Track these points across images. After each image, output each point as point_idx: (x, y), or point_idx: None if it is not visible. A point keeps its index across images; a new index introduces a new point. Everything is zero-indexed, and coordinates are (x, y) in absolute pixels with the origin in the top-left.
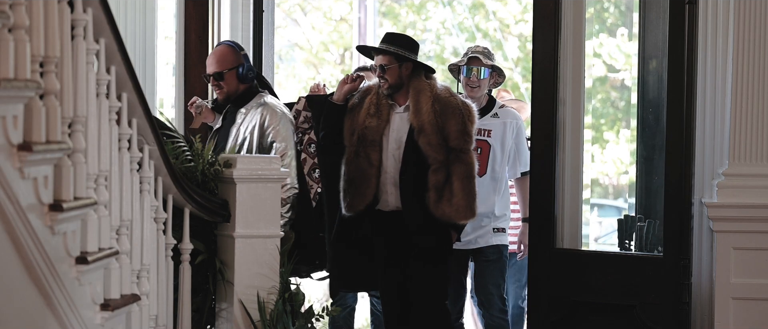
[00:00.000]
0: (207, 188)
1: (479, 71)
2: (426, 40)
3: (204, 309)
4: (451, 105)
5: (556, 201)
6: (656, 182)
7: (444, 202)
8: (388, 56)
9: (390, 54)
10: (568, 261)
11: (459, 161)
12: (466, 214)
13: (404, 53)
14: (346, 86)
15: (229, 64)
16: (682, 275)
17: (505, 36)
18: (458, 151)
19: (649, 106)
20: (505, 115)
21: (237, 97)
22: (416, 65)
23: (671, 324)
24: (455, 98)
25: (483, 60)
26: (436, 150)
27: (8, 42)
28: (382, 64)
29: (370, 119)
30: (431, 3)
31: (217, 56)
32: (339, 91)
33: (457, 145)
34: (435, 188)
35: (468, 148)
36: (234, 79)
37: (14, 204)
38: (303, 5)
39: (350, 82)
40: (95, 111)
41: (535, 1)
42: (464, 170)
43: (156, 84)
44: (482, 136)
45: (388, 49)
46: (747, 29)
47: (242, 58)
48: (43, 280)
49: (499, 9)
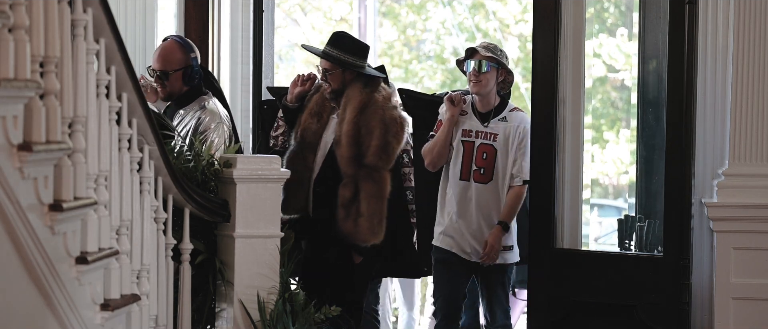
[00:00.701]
0: (207, 188)
1: (479, 64)
2: (426, 40)
3: (204, 309)
4: (378, 118)
5: (556, 201)
6: (656, 182)
7: (350, 220)
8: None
9: (332, 59)
10: (568, 261)
11: (369, 179)
12: (368, 237)
13: (347, 58)
14: (296, 89)
15: (176, 65)
16: (682, 275)
17: (505, 36)
18: (371, 169)
19: (649, 106)
20: (513, 119)
21: (179, 97)
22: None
23: (671, 324)
24: (386, 111)
25: (482, 52)
26: (347, 164)
27: (8, 42)
28: (325, 68)
29: (310, 120)
30: (431, 3)
31: (165, 54)
32: (290, 93)
33: (370, 162)
34: (342, 204)
35: (383, 166)
36: (179, 81)
37: (14, 204)
38: (303, 5)
39: (301, 84)
40: (95, 111)
41: (535, 1)
42: (373, 189)
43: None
44: (488, 140)
45: (331, 53)
46: (747, 29)
47: (191, 59)
48: (43, 280)
49: (499, 9)
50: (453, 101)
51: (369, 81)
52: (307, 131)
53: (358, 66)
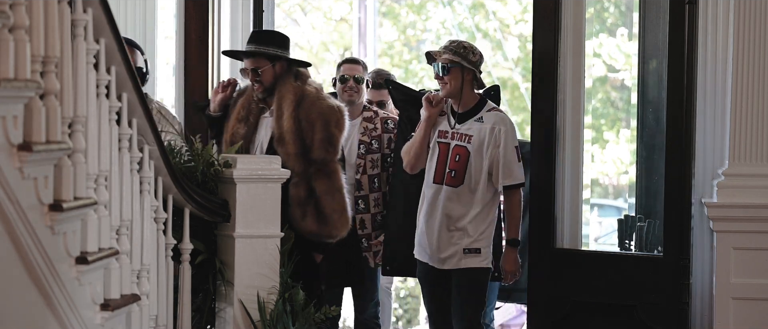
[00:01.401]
0: (207, 188)
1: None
2: (426, 40)
3: (204, 309)
4: (317, 110)
5: (556, 201)
6: (656, 182)
7: (309, 219)
8: (259, 59)
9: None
10: (568, 261)
11: (322, 175)
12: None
13: (277, 52)
14: (218, 96)
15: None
16: (682, 275)
17: (505, 36)
18: (320, 164)
19: (649, 106)
20: (491, 119)
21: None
22: (290, 63)
23: (671, 324)
24: (323, 102)
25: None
26: (295, 161)
27: (8, 42)
28: (254, 67)
29: (238, 125)
30: (431, 3)
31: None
32: (213, 102)
33: (318, 157)
34: (297, 203)
35: (331, 158)
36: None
37: (14, 204)
38: (303, 5)
39: (222, 90)
40: (95, 111)
41: (535, 1)
42: (328, 185)
43: (156, 84)
44: (463, 141)
45: (259, 49)
46: (747, 29)
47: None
48: (43, 280)
49: (499, 9)
50: (431, 101)
51: (298, 74)
52: (236, 136)
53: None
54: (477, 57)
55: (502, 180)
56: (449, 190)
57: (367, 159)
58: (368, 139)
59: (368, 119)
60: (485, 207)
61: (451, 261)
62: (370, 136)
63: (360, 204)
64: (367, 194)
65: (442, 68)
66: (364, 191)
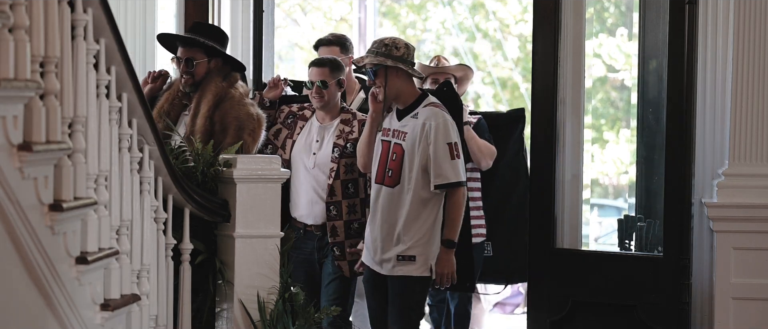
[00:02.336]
0: (207, 188)
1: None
2: (426, 40)
3: (204, 309)
4: (234, 114)
5: (556, 201)
6: (656, 182)
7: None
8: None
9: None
10: (568, 261)
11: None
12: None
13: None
14: (146, 87)
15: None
16: (682, 275)
17: (505, 36)
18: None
19: (649, 106)
20: (425, 115)
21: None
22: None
23: (671, 324)
24: (243, 108)
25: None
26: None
27: (8, 42)
28: (189, 57)
29: (160, 120)
30: (431, 3)
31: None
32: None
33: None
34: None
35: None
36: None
37: (14, 204)
38: (303, 5)
39: (152, 81)
40: (95, 111)
41: (535, 1)
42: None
43: None
44: (399, 139)
45: (198, 39)
46: (747, 29)
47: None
48: (43, 280)
49: (499, 9)
50: (376, 97)
51: (228, 75)
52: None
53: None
54: (402, 50)
55: (433, 180)
56: (386, 191)
57: (340, 163)
58: (343, 142)
59: (345, 121)
60: (420, 211)
61: (387, 266)
62: (346, 139)
63: (332, 211)
64: (340, 200)
65: (370, 73)
66: (337, 197)
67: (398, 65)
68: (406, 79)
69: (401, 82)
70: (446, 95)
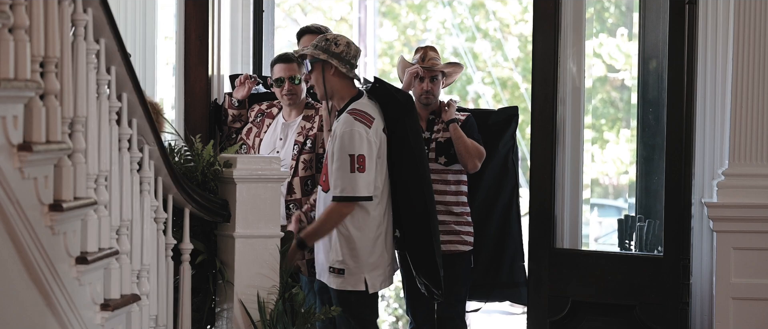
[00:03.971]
0: (207, 188)
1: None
2: (426, 40)
3: (204, 309)
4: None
5: (556, 201)
6: (656, 182)
7: None
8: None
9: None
10: (568, 261)
11: None
12: None
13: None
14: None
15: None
16: (682, 275)
17: (505, 36)
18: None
19: (649, 106)
20: (340, 120)
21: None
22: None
23: (671, 324)
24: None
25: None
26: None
27: (8, 42)
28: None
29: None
30: (431, 3)
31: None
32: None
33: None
34: None
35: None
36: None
37: (14, 204)
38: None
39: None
40: (95, 111)
41: (535, 1)
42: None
43: (156, 84)
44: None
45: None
46: (747, 29)
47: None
48: (43, 280)
49: (499, 9)
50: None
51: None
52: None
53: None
54: (342, 47)
55: (331, 191)
56: (323, 195)
57: (299, 160)
58: (303, 138)
59: (307, 117)
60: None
61: (324, 276)
62: (306, 136)
63: (292, 209)
64: (299, 198)
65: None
66: (296, 195)
67: (331, 61)
68: (341, 77)
69: (336, 81)
70: (379, 92)
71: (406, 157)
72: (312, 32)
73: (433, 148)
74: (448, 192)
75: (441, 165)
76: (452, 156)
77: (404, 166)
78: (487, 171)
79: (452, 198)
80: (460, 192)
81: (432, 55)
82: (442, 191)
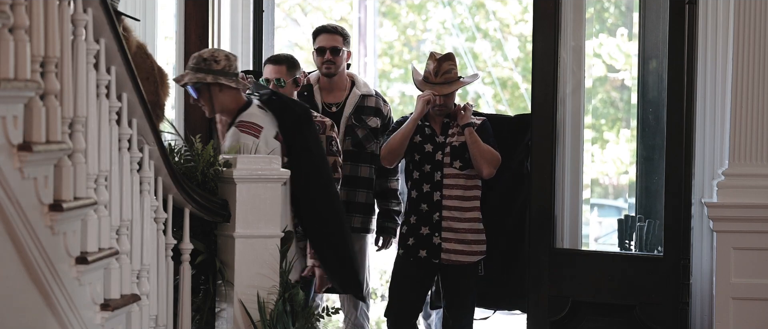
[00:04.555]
0: (207, 188)
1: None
2: (426, 40)
3: (204, 309)
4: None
5: (556, 201)
6: (656, 182)
7: None
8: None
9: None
10: (568, 261)
11: None
12: None
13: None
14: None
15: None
16: (682, 275)
17: (505, 36)
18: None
19: (649, 106)
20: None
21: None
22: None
23: (671, 324)
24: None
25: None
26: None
27: (8, 42)
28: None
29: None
30: (431, 3)
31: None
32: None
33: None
34: None
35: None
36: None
37: (14, 204)
38: (303, 5)
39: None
40: (95, 111)
41: (535, 1)
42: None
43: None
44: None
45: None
46: (747, 29)
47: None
48: (43, 280)
49: (499, 9)
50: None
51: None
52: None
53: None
54: (223, 63)
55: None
56: None
57: None
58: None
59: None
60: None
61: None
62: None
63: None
64: None
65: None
66: None
67: (219, 80)
68: (229, 91)
69: (224, 96)
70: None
71: (307, 168)
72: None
73: (448, 153)
74: (462, 197)
75: (455, 170)
76: (467, 161)
77: (308, 177)
78: (501, 178)
79: (467, 204)
80: (473, 196)
81: (446, 67)
82: (456, 196)
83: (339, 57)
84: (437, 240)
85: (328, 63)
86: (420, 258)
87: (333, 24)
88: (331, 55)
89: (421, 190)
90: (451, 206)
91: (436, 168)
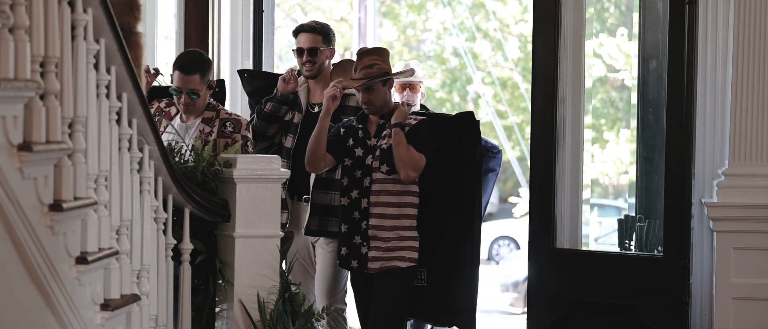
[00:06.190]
0: (207, 188)
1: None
2: (426, 40)
3: (204, 309)
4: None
5: (556, 201)
6: (656, 182)
7: None
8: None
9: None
10: (568, 261)
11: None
12: None
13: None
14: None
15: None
16: (682, 275)
17: (505, 36)
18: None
19: (649, 106)
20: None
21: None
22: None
23: (671, 324)
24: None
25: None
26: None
27: (8, 42)
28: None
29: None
30: (431, 3)
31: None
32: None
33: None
34: None
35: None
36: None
37: (14, 204)
38: (303, 5)
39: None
40: (95, 111)
41: (535, 1)
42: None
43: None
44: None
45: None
46: (747, 29)
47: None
48: (43, 280)
49: (499, 9)
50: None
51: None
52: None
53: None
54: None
55: None
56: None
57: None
58: (201, 143)
59: (207, 120)
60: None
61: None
62: (204, 141)
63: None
64: None
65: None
66: None
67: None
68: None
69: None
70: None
71: None
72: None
73: (378, 156)
74: (390, 203)
75: (383, 174)
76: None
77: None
78: (444, 184)
79: (397, 211)
80: (403, 203)
81: (367, 62)
82: (383, 203)
83: (318, 57)
84: (365, 250)
85: (307, 64)
86: (352, 268)
87: (312, 22)
88: (310, 56)
89: (351, 197)
90: (379, 214)
91: (366, 173)
